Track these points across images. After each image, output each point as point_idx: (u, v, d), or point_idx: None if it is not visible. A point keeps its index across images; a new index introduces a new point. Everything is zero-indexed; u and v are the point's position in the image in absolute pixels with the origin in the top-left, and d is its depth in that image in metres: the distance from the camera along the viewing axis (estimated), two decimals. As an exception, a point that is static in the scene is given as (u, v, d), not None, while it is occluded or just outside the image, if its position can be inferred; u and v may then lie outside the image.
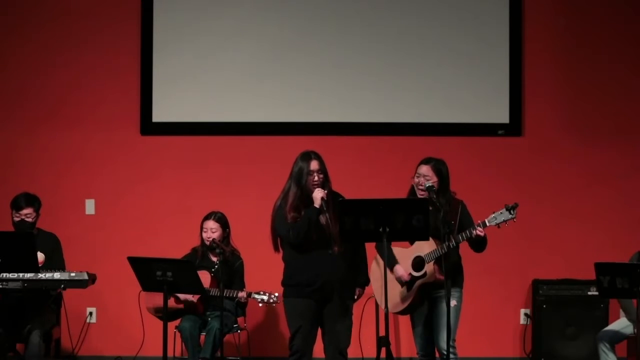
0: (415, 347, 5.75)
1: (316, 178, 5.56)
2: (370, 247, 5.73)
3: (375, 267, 5.75)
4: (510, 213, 5.47)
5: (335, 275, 5.54)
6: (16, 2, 7.86)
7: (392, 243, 5.61)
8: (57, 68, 7.83)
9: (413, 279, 5.62)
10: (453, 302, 5.54)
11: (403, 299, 5.64)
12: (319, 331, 5.67)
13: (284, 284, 5.69)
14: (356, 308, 5.94)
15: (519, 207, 5.49)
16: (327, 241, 5.54)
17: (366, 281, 5.79)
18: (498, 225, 5.49)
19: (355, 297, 5.73)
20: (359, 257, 5.72)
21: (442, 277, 5.51)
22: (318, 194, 5.51)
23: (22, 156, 7.80)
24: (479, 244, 5.59)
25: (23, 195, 6.55)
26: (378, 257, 5.73)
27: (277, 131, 7.73)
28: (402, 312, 5.75)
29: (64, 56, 7.83)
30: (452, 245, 5.49)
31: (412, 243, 5.69)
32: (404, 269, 5.64)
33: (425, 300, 5.65)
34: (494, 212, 5.51)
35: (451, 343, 5.53)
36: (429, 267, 5.57)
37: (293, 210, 5.56)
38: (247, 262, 6.82)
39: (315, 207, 5.51)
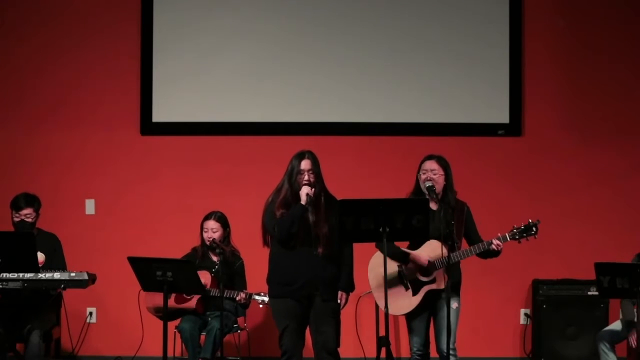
0: (410, 347, 5.73)
1: (306, 177, 5.54)
2: (364, 247, 5.70)
3: (377, 265, 5.67)
4: (532, 230, 5.47)
5: (317, 276, 5.50)
6: (16, 2, 7.86)
7: (395, 243, 5.60)
8: (57, 68, 7.83)
9: (420, 283, 5.59)
10: (455, 304, 5.54)
11: (409, 303, 5.61)
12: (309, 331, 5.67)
13: (267, 281, 5.67)
14: (369, 307, 5.93)
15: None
16: (313, 242, 5.53)
17: (350, 286, 5.69)
18: (519, 240, 5.50)
19: (339, 301, 5.63)
20: (343, 261, 5.63)
21: (449, 282, 5.50)
22: (303, 191, 5.51)
23: (22, 156, 7.81)
24: (492, 256, 5.58)
25: (23, 195, 6.55)
26: (379, 253, 5.66)
27: (277, 131, 7.73)
28: (403, 314, 5.72)
29: (64, 56, 7.83)
30: (465, 256, 5.48)
31: (416, 245, 5.66)
32: (421, 254, 5.60)
33: (430, 304, 5.63)
34: (515, 227, 5.51)
35: (453, 345, 5.53)
36: (438, 274, 5.54)
37: (282, 207, 5.56)
38: (247, 262, 6.82)
39: (301, 204, 5.51)
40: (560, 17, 7.80)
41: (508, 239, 5.49)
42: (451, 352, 5.54)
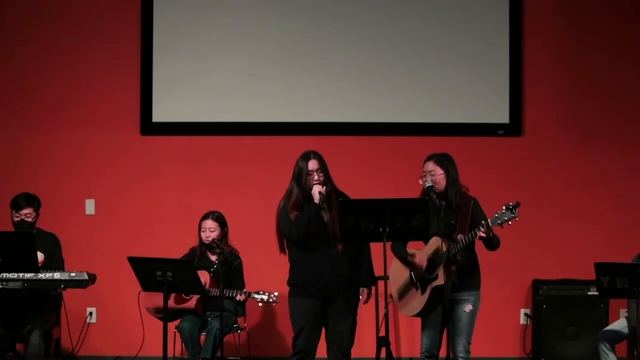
0: (420, 347, 5.72)
1: (316, 177, 5.57)
2: (377, 246, 5.68)
3: (394, 271, 5.67)
4: (512, 212, 5.41)
5: (339, 274, 5.55)
6: (16, 2, 7.86)
7: (409, 243, 5.60)
8: (57, 68, 7.83)
9: (426, 281, 5.59)
10: (469, 307, 5.51)
11: (417, 302, 5.61)
12: (323, 331, 5.68)
13: (289, 283, 5.70)
14: (369, 307, 5.94)
15: (519, 207, 5.46)
16: (331, 240, 5.55)
17: (371, 281, 5.76)
18: (501, 225, 5.45)
19: (360, 297, 5.70)
20: (364, 256, 5.70)
21: (456, 280, 5.49)
22: (316, 190, 5.53)
23: (22, 156, 7.80)
24: (488, 244, 5.55)
25: (23, 195, 6.55)
26: (396, 259, 5.68)
27: (277, 131, 7.73)
28: (417, 315, 5.69)
29: (64, 56, 7.83)
30: (460, 247, 5.46)
31: (425, 243, 5.66)
32: (420, 256, 5.59)
33: (440, 303, 5.59)
34: (497, 212, 5.48)
35: (467, 347, 5.52)
36: (440, 270, 5.54)
37: (295, 209, 5.58)
38: (246, 262, 6.82)
39: (315, 203, 5.52)
40: (560, 17, 7.80)
41: (490, 224, 5.45)
42: (463, 354, 5.53)
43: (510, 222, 5.42)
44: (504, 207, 5.42)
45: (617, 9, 7.81)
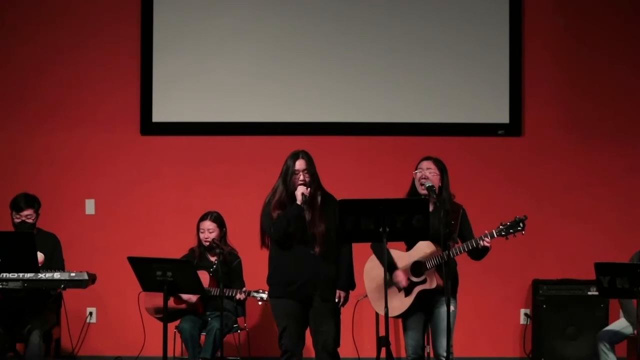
0: (405, 349, 5.72)
1: (301, 177, 5.57)
2: (363, 248, 5.71)
3: (371, 268, 5.70)
4: (520, 226, 5.41)
5: (315, 275, 5.53)
6: (16, 2, 7.86)
7: (388, 244, 5.55)
8: (57, 68, 7.83)
9: (412, 284, 5.59)
10: (451, 308, 5.52)
11: (401, 304, 5.61)
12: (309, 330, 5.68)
13: (267, 282, 5.70)
14: (348, 308, 5.93)
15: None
16: (309, 241, 5.54)
17: (349, 284, 5.71)
18: (506, 236, 5.46)
19: (337, 300, 5.64)
20: (341, 260, 5.65)
21: (442, 283, 5.48)
22: (299, 191, 5.53)
23: (22, 156, 7.81)
24: (481, 254, 5.56)
25: (23, 196, 6.54)
26: (373, 256, 5.70)
27: (277, 131, 7.73)
28: (397, 316, 5.70)
29: (64, 56, 7.84)
30: (455, 254, 5.46)
31: (408, 245, 5.66)
32: (402, 273, 5.61)
33: (424, 305, 5.60)
34: (502, 224, 5.45)
35: (450, 348, 5.52)
36: (429, 273, 5.54)
37: (278, 207, 5.59)
38: (246, 262, 6.82)
39: (297, 204, 5.52)
40: (560, 17, 7.80)
41: (495, 235, 5.44)
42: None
43: (515, 235, 5.42)
44: (508, 223, 5.40)
45: (617, 9, 7.81)
